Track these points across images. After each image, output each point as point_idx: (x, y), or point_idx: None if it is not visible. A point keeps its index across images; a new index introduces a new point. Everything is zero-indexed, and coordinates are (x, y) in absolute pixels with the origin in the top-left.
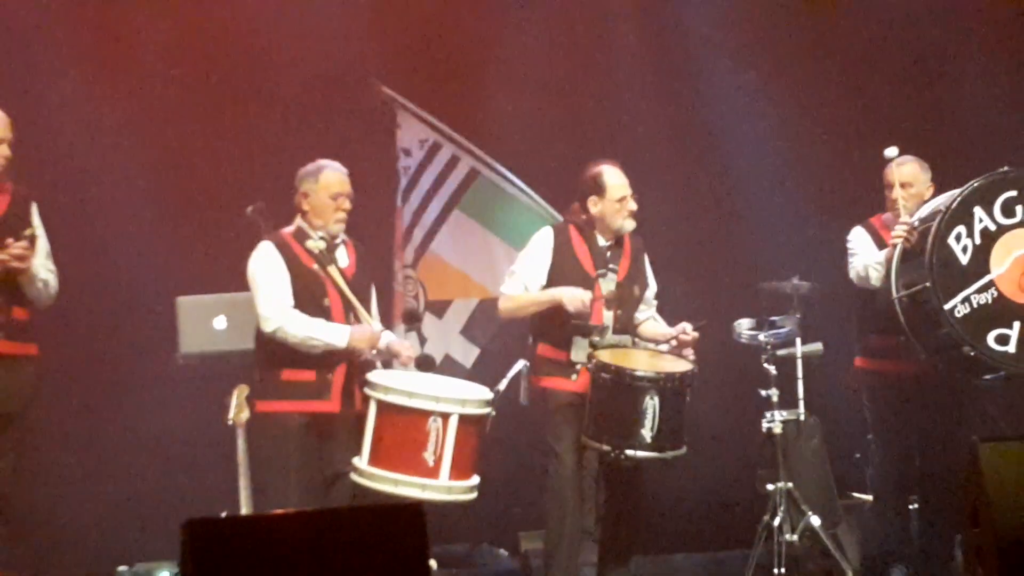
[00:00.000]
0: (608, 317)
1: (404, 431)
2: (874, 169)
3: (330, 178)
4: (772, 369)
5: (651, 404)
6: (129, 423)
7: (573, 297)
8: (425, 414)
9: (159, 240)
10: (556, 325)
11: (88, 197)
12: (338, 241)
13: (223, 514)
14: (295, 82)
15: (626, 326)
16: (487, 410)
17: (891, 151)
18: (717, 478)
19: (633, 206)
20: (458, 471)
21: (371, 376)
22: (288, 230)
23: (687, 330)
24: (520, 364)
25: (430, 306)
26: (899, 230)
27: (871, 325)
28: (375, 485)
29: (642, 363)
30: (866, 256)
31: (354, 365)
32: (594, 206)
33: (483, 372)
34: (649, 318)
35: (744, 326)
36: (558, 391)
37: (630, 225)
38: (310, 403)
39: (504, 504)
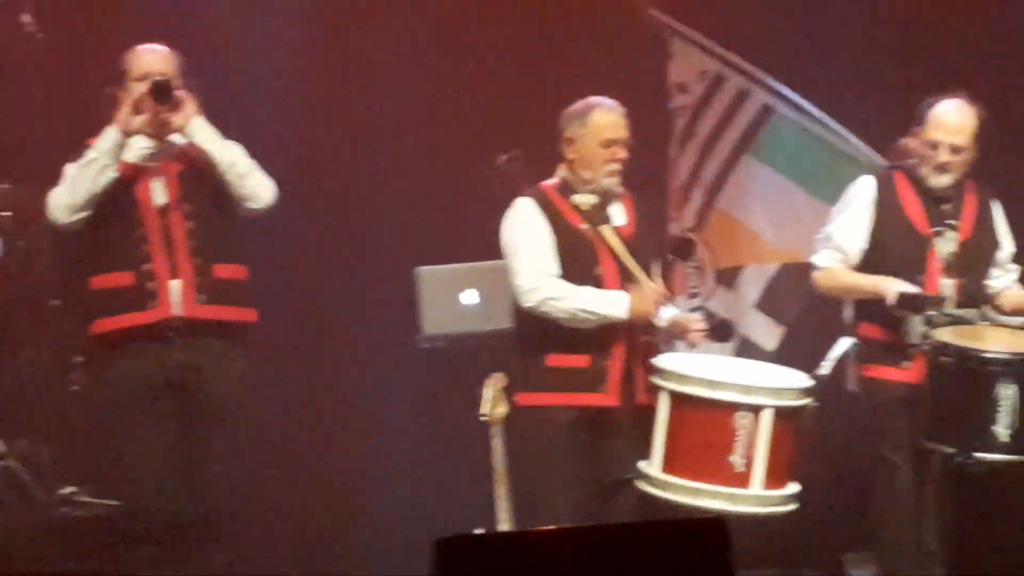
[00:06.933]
0: (948, 286)
1: (705, 430)
2: None
3: (602, 120)
4: None
5: (1007, 394)
6: (361, 420)
7: (896, 292)
8: (731, 408)
9: (396, 199)
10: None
11: (314, 146)
12: (612, 196)
13: (478, 530)
14: (545, 7)
15: (974, 297)
16: (806, 401)
17: None
18: None
19: (944, 157)
20: (773, 477)
21: (660, 362)
22: (550, 183)
23: None
24: (846, 343)
25: (718, 276)
26: None
27: None
28: (670, 495)
29: (995, 341)
30: None
31: (635, 347)
32: (915, 139)
33: (791, 357)
34: (1008, 286)
35: None
36: (887, 382)
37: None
38: (581, 396)
39: (825, 519)
